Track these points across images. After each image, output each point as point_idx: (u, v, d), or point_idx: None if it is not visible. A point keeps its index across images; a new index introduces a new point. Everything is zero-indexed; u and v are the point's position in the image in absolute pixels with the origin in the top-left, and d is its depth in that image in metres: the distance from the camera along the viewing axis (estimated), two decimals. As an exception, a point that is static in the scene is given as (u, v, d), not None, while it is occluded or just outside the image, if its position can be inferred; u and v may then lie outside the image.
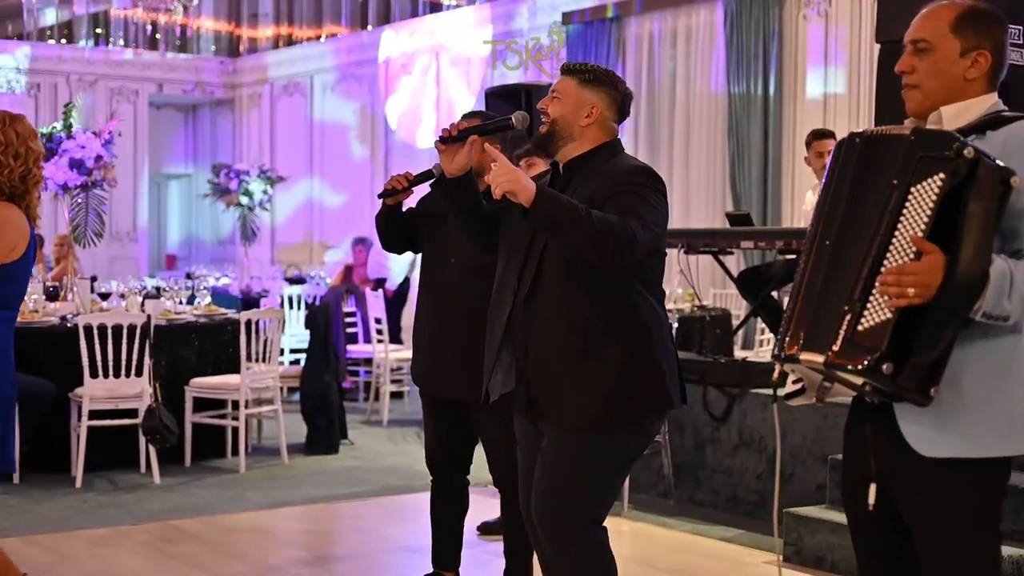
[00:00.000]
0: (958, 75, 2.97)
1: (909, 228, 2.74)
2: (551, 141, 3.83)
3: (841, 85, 11.30)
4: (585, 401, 3.70)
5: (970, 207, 2.71)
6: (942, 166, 2.73)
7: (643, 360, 3.73)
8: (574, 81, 3.83)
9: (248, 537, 6.66)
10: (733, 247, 8.09)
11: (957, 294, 2.71)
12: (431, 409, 5.11)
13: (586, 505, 3.80)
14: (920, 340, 2.72)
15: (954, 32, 2.97)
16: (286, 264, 16.33)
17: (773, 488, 6.69)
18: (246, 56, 20.42)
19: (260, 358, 8.46)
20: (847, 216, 2.89)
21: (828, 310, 2.83)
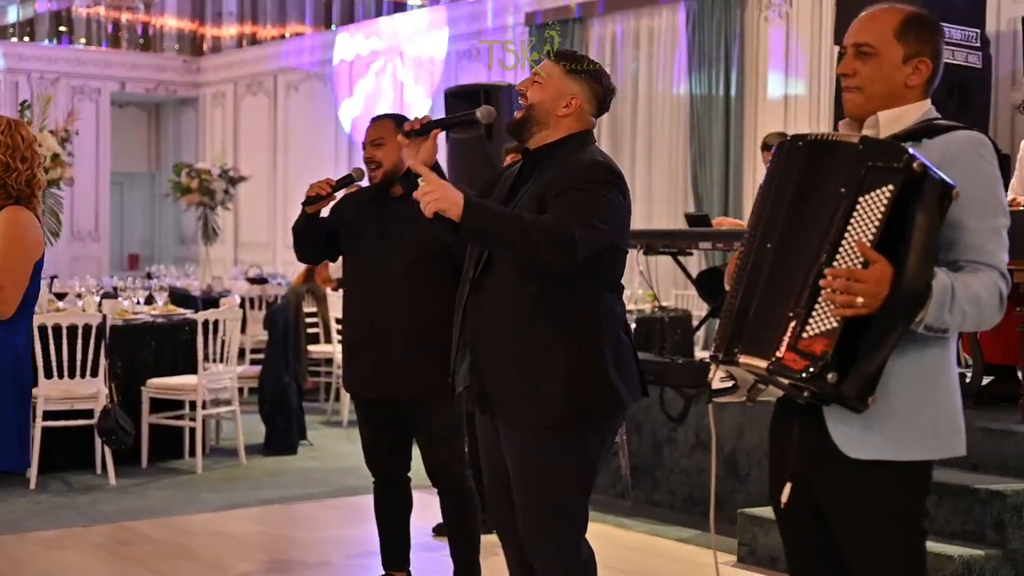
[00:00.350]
0: (900, 81, 3.00)
1: (856, 237, 2.75)
2: (525, 127, 3.77)
3: (802, 86, 11.34)
4: (534, 401, 3.66)
5: (916, 219, 2.73)
6: (891, 177, 2.74)
7: (593, 357, 3.68)
8: (559, 68, 3.77)
9: (203, 539, 6.63)
10: (692, 248, 8.11)
11: (902, 305, 2.74)
12: (366, 411, 5.10)
13: (561, 509, 3.74)
14: (863, 350, 2.75)
15: (898, 38, 2.99)
16: (248, 264, 16.24)
17: (730, 488, 6.72)
18: (209, 55, 20.33)
19: (218, 358, 8.42)
20: (791, 220, 2.89)
21: (771, 315, 2.83)
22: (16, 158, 4.40)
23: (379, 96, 16.79)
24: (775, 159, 3.02)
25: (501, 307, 3.69)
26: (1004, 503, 5.34)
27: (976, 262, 2.86)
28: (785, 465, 3.03)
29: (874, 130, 2.99)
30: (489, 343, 3.73)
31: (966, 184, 2.81)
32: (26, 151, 4.44)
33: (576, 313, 3.67)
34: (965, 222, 2.85)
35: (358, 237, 4.97)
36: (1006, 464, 5.64)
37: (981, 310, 2.83)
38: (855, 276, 2.70)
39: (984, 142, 2.94)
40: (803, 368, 2.75)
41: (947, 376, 2.96)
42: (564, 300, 3.67)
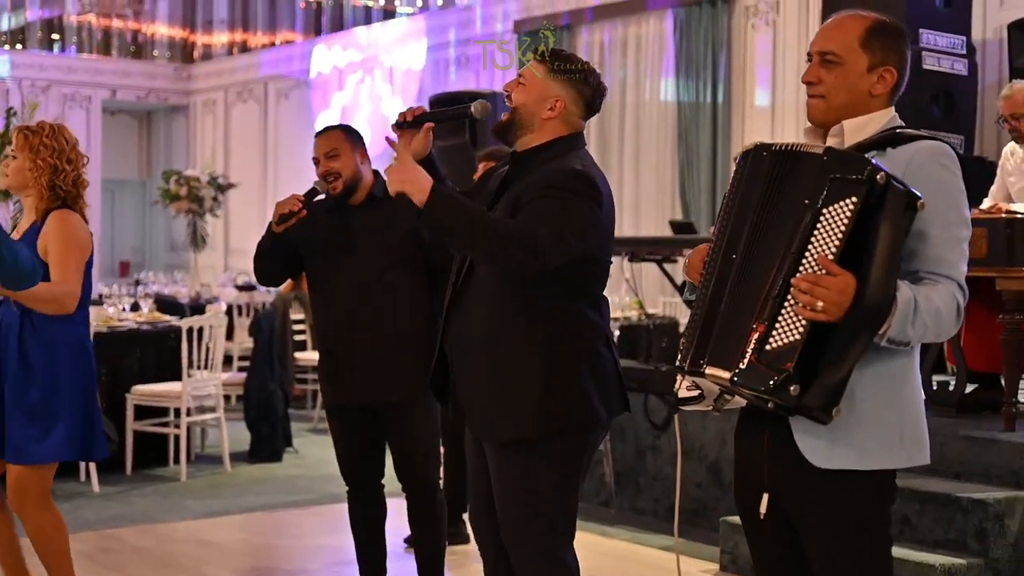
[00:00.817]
0: (864, 89, 2.99)
1: (820, 249, 2.74)
2: (510, 130, 3.66)
3: (789, 94, 11.34)
4: (506, 414, 3.59)
5: (880, 231, 2.73)
6: (854, 189, 2.73)
7: (568, 371, 3.60)
8: (543, 69, 3.65)
9: (186, 547, 6.60)
10: (677, 255, 8.10)
11: (865, 317, 2.73)
12: (339, 419, 5.07)
13: (540, 520, 3.66)
14: (826, 362, 2.74)
15: (863, 46, 2.98)
16: (237, 271, 16.23)
17: (714, 497, 6.71)
18: (200, 62, 20.33)
19: (202, 365, 8.40)
20: (756, 231, 2.88)
21: (735, 326, 2.82)
22: (63, 160, 4.65)
23: (356, 108, 16.79)
24: (740, 167, 3.00)
25: (475, 316, 3.63)
26: (986, 512, 5.32)
27: (936, 273, 2.86)
28: (756, 475, 3.02)
29: (838, 139, 2.99)
30: (463, 352, 3.67)
31: (929, 195, 2.80)
32: (71, 153, 4.70)
33: (550, 325, 3.59)
34: (927, 233, 2.85)
35: (323, 249, 4.89)
36: (988, 473, 5.62)
37: (940, 323, 2.84)
38: (820, 281, 2.69)
39: (947, 152, 2.92)
40: (766, 380, 2.74)
41: (911, 385, 2.96)
42: (538, 311, 3.59)
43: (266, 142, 18.64)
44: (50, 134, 4.66)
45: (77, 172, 4.70)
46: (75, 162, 4.70)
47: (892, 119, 3.01)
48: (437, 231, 3.52)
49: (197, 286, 13.62)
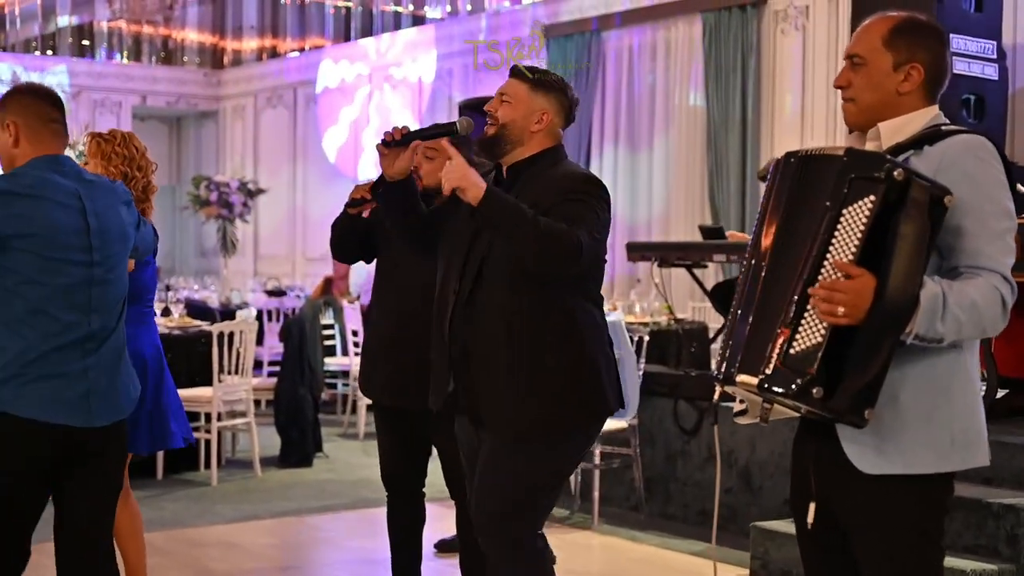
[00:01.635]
0: (891, 89, 2.98)
1: (840, 250, 2.74)
2: (498, 144, 3.81)
3: (819, 99, 11.32)
4: (525, 410, 3.70)
5: (901, 229, 2.71)
6: (873, 188, 2.73)
7: (582, 368, 3.74)
8: (525, 86, 3.82)
9: (215, 551, 6.63)
10: (706, 260, 8.10)
11: (886, 318, 2.71)
12: (384, 421, 5.05)
13: (523, 513, 3.80)
14: (851, 364, 2.73)
15: (887, 46, 2.97)
16: (267, 277, 16.30)
17: (744, 502, 6.70)
18: (230, 68, 20.42)
19: (233, 370, 8.43)
20: (782, 237, 2.89)
21: (763, 332, 2.83)
22: (133, 167, 4.78)
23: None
24: (771, 177, 3.02)
25: (489, 321, 3.73)
26: (1018, 517, 5.30)
27: (975, 267, 2.83)
28: (806, 483, 3.02)
29: (876, 142, 2.98)
30: (481, 355, 3.76)
31: (963, 189, 2.79)
32: (141, 160, 4.83)
33: (566, 323, 3.72)
34: (963, 227, 2.82)
35: (391, 242, 4.92)
36: (1020, 478, 5.60)
37: (979, 316, 2.79)
38: (836, 287, 2.69)
39: (983, 144, 2.90)
40: (789, 383, 2.75)
41: (963, 386, 2.91)
42: (555, 311, 3.72)
43: (295, 147, 18.70)
44: (122, 142, 4.80)
45: (147, 179, 4.82)
46: (144, 169, 4.83)
47: (935, 117, 2.99)
48: (491, 226, 3.64)
49: (227, 291, 13.66)
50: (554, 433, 3.75)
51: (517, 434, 3.74)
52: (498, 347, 3.71)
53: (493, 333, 3.72)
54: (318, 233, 17.84)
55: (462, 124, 3.81)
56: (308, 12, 19.16)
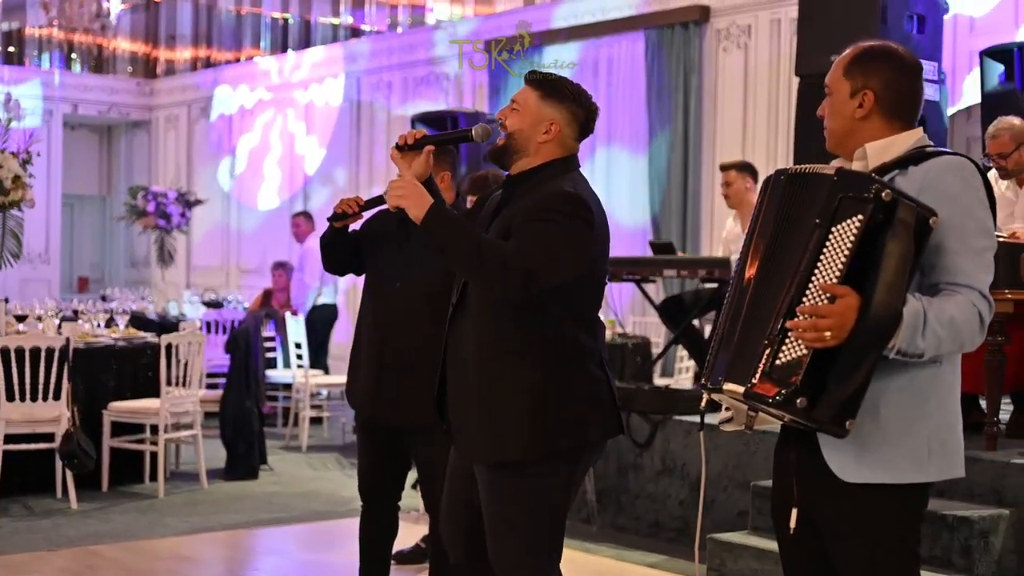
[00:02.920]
0: (848, 115, 3.12)
1: (828, 266, 2.84)
2: (506, 154, 3.71)
3: (761, 117, 11.46)
4: (494, 435, 3.60)
5: (887, 248, 2.81)
6: (861, 208, 2.83)
7: (559, 392, 3.61)
8: (536, 94, 3.70)
9: (170, 564, 6.59)
10: (656, 275, 8.18)
11: (871, 334, 2.81)
12: (365, 432, 5.06)
13: (529, 542, 3.67)
14: (834, 376, 2.82)
15: (845, 75, 3.12)
16: (203, 288, 16.18)
17: (696, 514, 6.76)
18: (163, 77, 20.26)
19: (180, 382, 8.37)
20: (770, 251, 2.98)
21: (750, 343, 2.92)
22: None
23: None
24: (761, 193, 3.13)
25: (468, 336, 3.66)
26: (971, 529, 5.41)
27: (954, 284, 2.93)
28: (788, 492, 3.09)
29: (863, 162, 3.09)
30: (457, 374, 3.70)
31: (945, 208, 2.89)
32: None
33: (541, 346, 3.60)
34: (944, 244, 2.92)
35: (380, 254, 4.91)
36: (972, 491, 5.71)
37: (958, 332, 2.88)
38: (819, 313, 2.78)
39: (965, 165, 3.00)
40: (774, 394, 2.83)
41: (942, 399, 3.01)
42: (530, 332, 3.60)
43: (230, 158, 18.59)
44: None
45: None
46: None
47: (919, 139, 3.09)
48: (434, 248, 3.57)
49: (163, 302, 13.54)
50: (526, 465, 3.61)
51: (485, 464, 3.65)
52: (470, 366, 3.64)
53: (467, 351, 3.64)
54: (251, 245, 17.75)
55: (477, 131, 3.76)
56: (244, 22, 19.07)
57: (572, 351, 3.65)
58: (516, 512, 3.65)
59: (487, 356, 3.62)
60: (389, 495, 5.08)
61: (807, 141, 8.20)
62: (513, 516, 3.66)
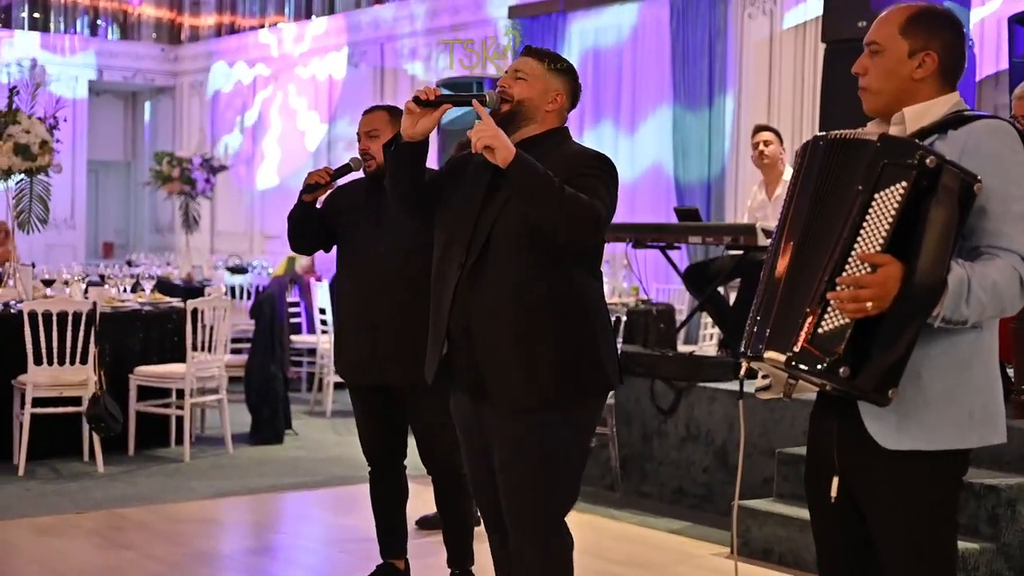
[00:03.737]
0: (906, 76, 3.04)
1: (871, 233, 2.80)
2: (512, 121, 3.80)
3: (786, 82, 11.40)
4: (533, 380, 3.69)
5: (931, 215, 2.77)
6: (905, 174, 2.78)
7: (589, 339, 3.75)
8: (542, 65, 3.84)
9: (195, 527, 6.63)
10: (681, 242, 8.15)
11: (915, 302, 2.77)
12: (358, 398, 5.12)
13: (555, 493, 3.77)
14: (877, 345, 2.78)
15: (903, 34, 3.04)
16: (228, 253, 16.23)
17: (720, 481, 6.77)
18: (188, 43, 20.26)
19: (205, 347, 8.41)
20: (811, 218, 2.94)
21: (792, 311, 2.88)
22: None
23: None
24: (799, 159, 3.07)
25: (497, 292, 3.70)
26: (998, 497, 5.40)
27: (995, 247, 2.89)
28: (827, 459, 3.07)
29: (900, 126, 3.04)
30: (486, 328, 3.73)
31: (986, 171, 2.85)
32: None
33: (570, 297, 3.73)
34: (986, 208, 2.88)
35: (352, 226, 4.99)
36: (1000, 459, 5.70)
37: (1000, 297, 2.85)
38: (861, 283, 2.74)
39: (1006, 128, 2.97)
40: (817, 362, 2.80)
41: (982, 364, 2.97)
42: (562, 282, 3.73)
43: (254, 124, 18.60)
44: None
45: None
46: None
47: (957, 103, 3.05)
48: (518, 190, 3.62)
49: (188, 267, 13.59)
50: (566, 407, 3.74)
51: (526, 408, 3.72)
52: (505, 319, 3.69)
53: (500, 305, 3.70)
54: (275, 210, 17.78)
55: (490, 96, 3.81)
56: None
57: (595, 302, 3.81)
58: (547, 458, 3.74)
59: (523, 307, 3.69)
60: (393, 455, 5.17)
61: (833, 107, 8.17)
62: (543, 462, 3.74)
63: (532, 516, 3.77)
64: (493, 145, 3.56)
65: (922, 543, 2.97)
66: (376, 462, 5.22)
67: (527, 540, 3.79)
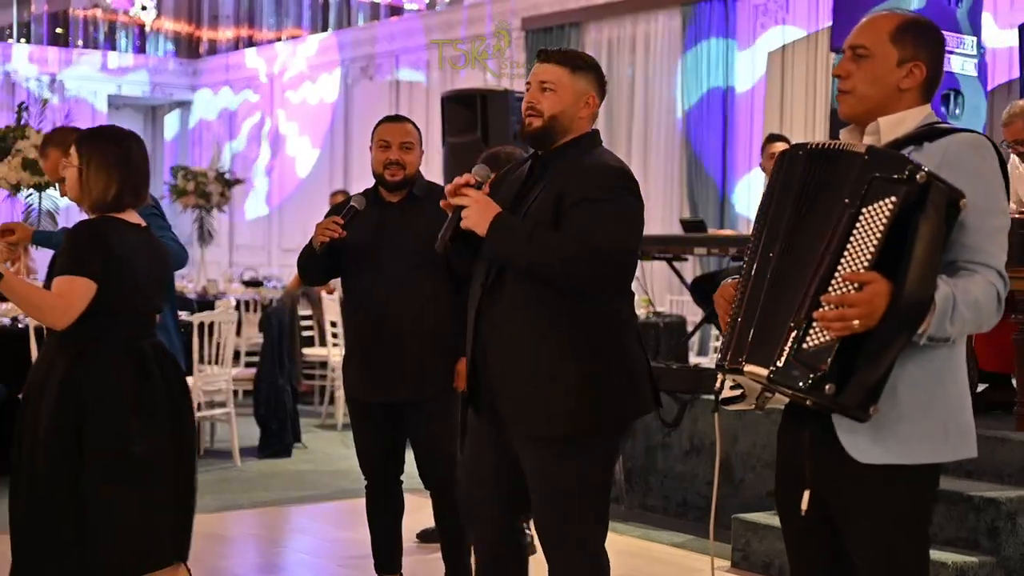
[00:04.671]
0: (892, 84, 3.00)
1: (859, 249, 2.75)
2: (548, 136, 3.66)
3: (798, 92, 11.36)
4: (548, 413, 3.59)
5: (919, 231, 2.73)
6: (894, 189, 2.74)
7: (613, 363, 3.64)
8: (564, 70, 3.67)
9: (199, 541, 6.52)
10: (687, 253, 8.13)
11: (902, 320, 2.73)
12: (362, 413, 5.11)
13: (586, 515, 3.69)
14: (862, 362, 2.75)
15: (893, 41, 3.00)
16: (244, 267, 16.27)
17: (724, 494, 6.73)
18: (206, 57, 20.34)
19: (213, 360, 8.41)
20: (794, 229, 2.89)
21: (774, 324, 2.83)
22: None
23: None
24: (777, 167, 3.02)
25: (515, 316, 3.63)
26: (998, 510, 5.35)
27: (974, 262, 2.86)
28: (798, 472, 3.03)
29: (875, 136, 3.00)
30: (502, 352, 3.66)
31: (966, 186, 2.81)
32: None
33: (591, 322, 3.62)
34: (964, 222, 2.84)
35: (355, 246, 4.96)
36: (1000, 471, 5.65)
37: (980, 314, 2.84)
38: (847, 302, 2.70)
39: (984, 143, 2.94)
40: (801, 379, 2.76)
41: (955, 378, 2.95)
42: (578, 309, 3.61)
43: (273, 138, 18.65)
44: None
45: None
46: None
47: (928, 115, 3.02)
48: (498, 260, 3.59)
49: (203, 281, 13.63)
50: (586, 434, 3.62)
51: (550, 436, 3.62)
52: (525, 342, 3.61)
53: (520, 328, 3.61)
54: (294, 223, 17.81)
55: (479, 172, 3.66)
56: (285, 1, 19.10)
57: (617, 325, 3.68)
58: (573, 488, 3.65)
59: (539, 334, 3.61)
60: (390, 472, 5.15)
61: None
62: (570, 493, 3.66)
63: (564, 548, 3.70)
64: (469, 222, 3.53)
65: (895, 556, 2.95)
66: (373, 476, 5.22)
67: (560, 567, 3.72)
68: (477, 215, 3.51)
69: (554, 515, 3.68)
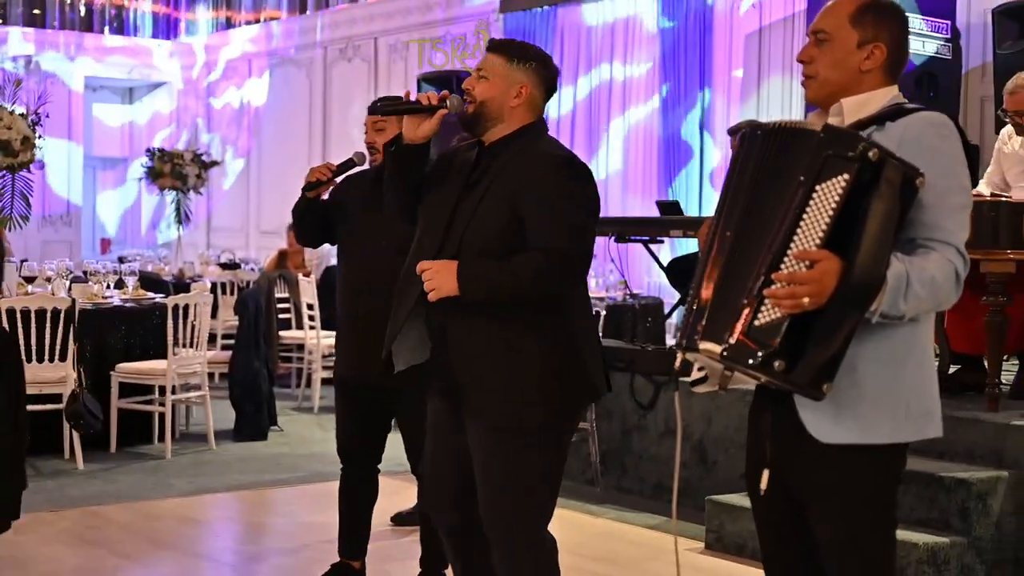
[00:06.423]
0: (853, 66, 3.01)
1: (811, 226, 2.75)
2: (478, 122, 3.69)
3: (775, 74, 11.35)
4: (512, 396, 3.61)
5: (872, 208, 2.72)
6: (847, 166, 2.74)
7: (569, 350, 3.66)
8: (502, 59, 3.70)
9: (173, 524, 6.60)
10: (663, 235, 8.13)
11: (852, 298, 2.73)
12: (344, 394, 5.07)
13: (533, 503, 3.70)
14: (814, 339, 2.74)
15: (852, 24, 3.00)
16: (221, 249, 16.23)
17: (698, 476, 6.75)
18: (184, 38, 20.24)
19: (188, 343, 8.39)
20: (749, 207, 2.88)
21: (728, 302, 2.83)
22: None
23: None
24: (737, 147, 3.02)
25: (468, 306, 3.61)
26: (969, 491, 5.38)
27: (932, 239, 2.86)
28: (761, 452, 3.04)
29: (839, 117, 3.00)
30: (466, 338, 3.66)
31: (924, 164, 2.81)
32: None
33: (552, 305, 3.64)
34: (922, 200, 2.84)
35: (354, 220, 4.93)
36: (972, 452, 5.67)
37: (936, 292, 2.83)
38: (797, 279, 2.70)
39: (944, 122, 2.94)
40: (751, 355, 2.76)
41: (918, 358, 2.95)
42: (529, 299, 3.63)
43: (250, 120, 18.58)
44: None
45: None
46: None
47: (895, 97, 3.02)
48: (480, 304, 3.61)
49: (179, 263, 13.58)
50: (543, 420, 3.64)
51: (503, 427, 3.63)
52: (481, 331, 3.62)
53: (476, 316, 3.61)
54: (272, 205, 17.76)
55: (453, 102, 3.67)
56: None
57: (578, 310, 3.72)
58: (524, 473, 3.66)
59: (501, 319, 3.62)
60: (369, 457, 5.10)
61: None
62: (522, 475, 3.66)
63: (511, 529, 3.71)
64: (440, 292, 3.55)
65: (859, 537, 2.95)
66: (350, 460, 5.17)
67: (508, 555, 3.72)
68: (442, 280, 3.55)
69: (501, 502, 3.68)
